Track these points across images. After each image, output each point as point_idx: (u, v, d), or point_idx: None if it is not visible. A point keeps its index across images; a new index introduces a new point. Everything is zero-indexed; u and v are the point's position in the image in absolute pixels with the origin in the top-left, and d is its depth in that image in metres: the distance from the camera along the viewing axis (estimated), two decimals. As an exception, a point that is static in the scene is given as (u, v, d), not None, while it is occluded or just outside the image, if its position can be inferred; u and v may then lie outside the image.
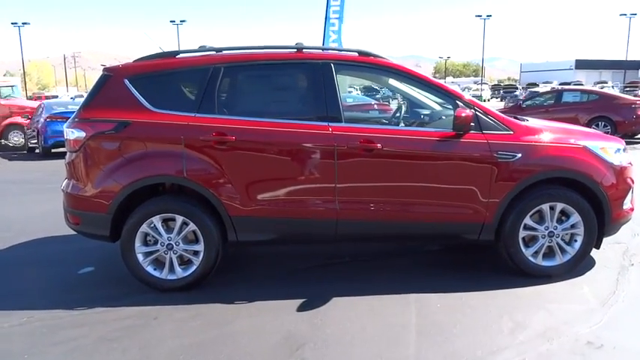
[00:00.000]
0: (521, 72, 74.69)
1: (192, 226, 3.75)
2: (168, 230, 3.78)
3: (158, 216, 3.74)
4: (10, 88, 18.96)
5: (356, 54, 4.02)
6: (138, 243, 3.76)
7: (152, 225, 3.75)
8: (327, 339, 3.06)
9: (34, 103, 17.20)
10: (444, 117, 4.19)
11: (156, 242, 3.78)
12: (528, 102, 15.66)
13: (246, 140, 3.73)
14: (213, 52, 4.06)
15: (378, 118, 4.55)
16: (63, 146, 12.61)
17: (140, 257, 3.77)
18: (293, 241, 4.10)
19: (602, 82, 45.36)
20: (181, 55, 4.02)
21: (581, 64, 64.31)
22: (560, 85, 43.34)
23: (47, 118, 12.85)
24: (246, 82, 4.00)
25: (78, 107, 4.01)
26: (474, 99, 4.16)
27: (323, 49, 4.09)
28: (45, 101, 14.94)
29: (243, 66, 3.95)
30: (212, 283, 3.89)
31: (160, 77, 3.90)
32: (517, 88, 48.89)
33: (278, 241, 3.89)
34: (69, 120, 3.97)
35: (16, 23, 46.89)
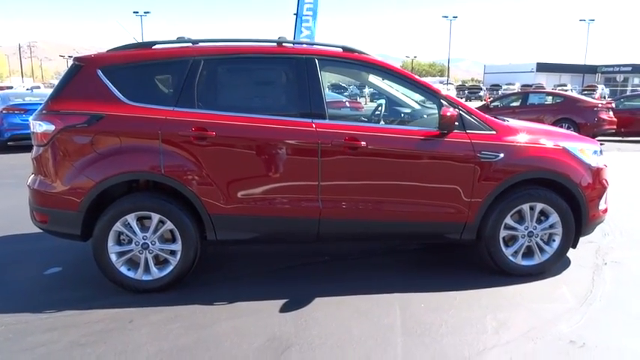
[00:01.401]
0: (484, 73, 76.51)
1: (169, 225, 3.60)
2: (144, 229, 3.62)
3: (133, 214, 3.57)
4: None
5: (340, 50, 3.94)
6: (111, 242, 3.58)
7: (126, 223, 3.58)
8: (313, 341, 2.98)
9: None
10: (426, 115, 4.19)
11: (130, 241, 3.61)
12: (495, 103, 16.00)
13: (227, 136, 3.60)
14: (190, 44, 3.92)
15: (361, 116, 4.48)
16: (20, 139, 12.24)
17: (113, 257, 3.59)
18: (274, 240, 4.00)
19: (561, 85, 46.97)
20: (158, 46, 3.84)
21: (542, 67, 66.42)
22: (522, 87, 44.70)
23: (3, 109, 12.21)
24: (227, 75, 3.86)
25: (45, 98, 3.78)
26: (458, 98, 4.16)
27: (307, 44, 3.99)
28: (0, 92, 14.18)
29: (225, 59, 3.81)
30: (190, 284, 3.76)
31: (136, 69, 3.72)
32: (481, 89, 50.13)
33: (259, 240, 3.79)
34: (36, 112, 3.73)
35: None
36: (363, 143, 3.65)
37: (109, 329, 3.13)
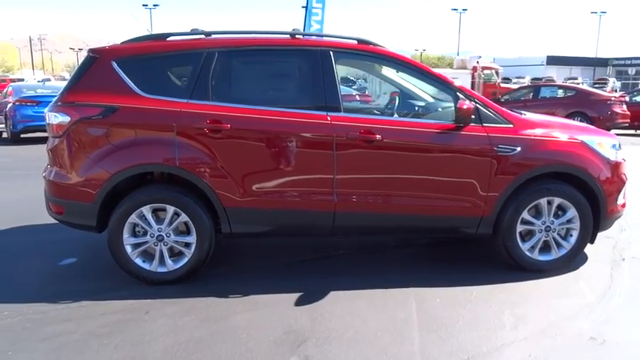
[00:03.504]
0: (494, 67, 75.50)
1: (183, 217, 3.59)
2: (159, 221, 3.61)
3: (148, 206, 3.56)
4: None
5: (355, 42, 3.90)
6: (126, 234, 3.58)
7: (141, 215, 3.58)
8: (330, 334, 2.97)
9: None
10: (441, 109, 4.14)
11: (145, 233, 3.61)
12: (506, 96, 15.85)
13: (242, 129, 3.59)
14: (203, 36, 3.89)
15: (375, 109, 4.43)
16: (33, 131, 12.32)
17: (128, 249, 3.59)
18: (289, 234, 3.98)
19: (572, 78, 46.40)
20: (172, 38, 3.82)
21: (552, 60, 65.48)
22: (532, 80, 44.21)
23: (16, 101, 12.26)
24: (241, 68, 3.83)
25: (57, 90, 3.78)
26: (474, 91, 4.11)
27: (321, 36, 3.95)
28: (13, 84, 14.26)
29: (239, 51, 3.78)
30: (204, 276, 3.75)
31: (150, 61, 3.70)
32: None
33: (273, 233, 3.78)
34: (51, 103, 3.74)
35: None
36: (379, 136, 3.61)
37: (125, 320, 3.14)
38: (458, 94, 3.79)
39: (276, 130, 3.60)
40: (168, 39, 3.80)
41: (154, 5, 53.57)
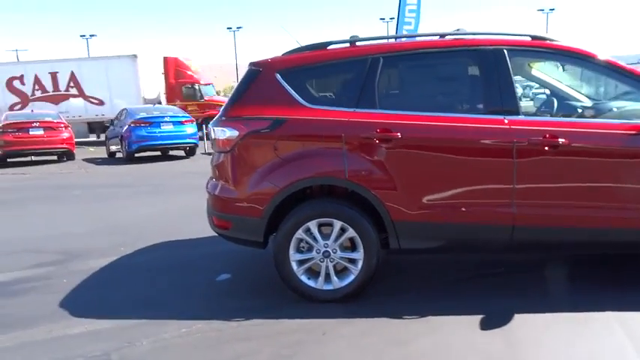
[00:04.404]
0: (586, 70, 70.84)
1: (350, 232, 3.41)
2: (324, 236, 3.46)
3: (315, 220, 3.42)
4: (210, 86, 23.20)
5: (529, 38, 3.57)
6: (292, 250, 3.45)
7: (307, 230, 3.44)
8: (540, 365, 2.63)
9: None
10: (615, 109, 3.69)
11: (310, 249, 3.47)
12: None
13: (412, 137, 3.37)
14: (349, 43, 3.72)
15: (558, 111, 4.02)
16: (145, 150, 13.02)
17: (294, 265, 3.47)
18: (460, 249, 3.67)
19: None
20: (333, 47, 3.71)
21: (654, 60, 60.17)
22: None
23: (131, 123, 13.05)
24: (408, 73, 3.65)
25: (166, 112, 3.77)
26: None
27: (491, 34, 3.66)
28: (128, 106, 15.22)
29: (405, 55, 3.58)
30: (369, 295, 3.53)
31: (313, 71, 3.62)
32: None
33: (444, 249, 3.50)
34: (215, 119, 3.75)
35: (84, 35, 49.30)
36: (565, 141, 3.24)
37: (306, 341, 2.98)
38: (654, 90, 3.33)
39: (449, 138, 3.35)
40: (328, 48, 3.68)
41: (237, 27, 55.93)
